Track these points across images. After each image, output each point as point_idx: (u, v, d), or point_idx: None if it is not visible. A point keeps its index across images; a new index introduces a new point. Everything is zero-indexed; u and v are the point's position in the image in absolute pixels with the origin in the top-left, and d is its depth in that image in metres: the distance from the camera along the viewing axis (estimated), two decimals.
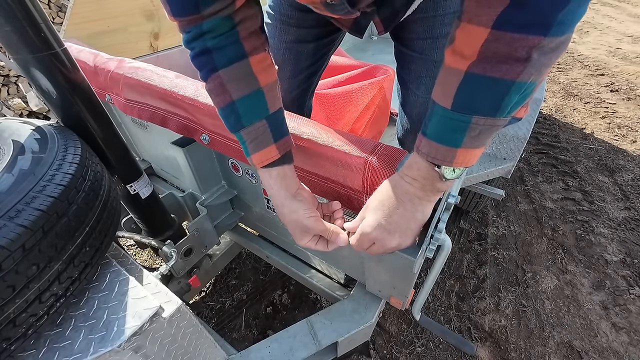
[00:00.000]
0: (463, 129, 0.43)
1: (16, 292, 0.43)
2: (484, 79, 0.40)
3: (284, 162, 0.59)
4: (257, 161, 0.58)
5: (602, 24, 5.67)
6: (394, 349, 1.39)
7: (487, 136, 0.44)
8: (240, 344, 1.39)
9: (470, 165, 0.46)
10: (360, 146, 0.62)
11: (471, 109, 0.42)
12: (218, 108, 0.58)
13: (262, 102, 0.57)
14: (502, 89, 0.39)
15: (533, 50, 0.36)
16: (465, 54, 0.40)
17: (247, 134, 0.57)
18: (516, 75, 0.38)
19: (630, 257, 1.78)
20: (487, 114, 0.41)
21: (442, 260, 0.67)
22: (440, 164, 0.45)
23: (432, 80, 0.87)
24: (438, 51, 0.82)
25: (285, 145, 0.59)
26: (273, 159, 0.58)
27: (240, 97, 0.55)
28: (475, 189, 1.59)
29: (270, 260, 1.22)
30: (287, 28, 0.90)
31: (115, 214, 0.66)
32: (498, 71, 0.39)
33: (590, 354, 1.38)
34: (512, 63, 0.37)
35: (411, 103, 0.95)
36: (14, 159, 0.53)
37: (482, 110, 0.41)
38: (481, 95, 0.41)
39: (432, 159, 0.46)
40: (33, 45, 0.60)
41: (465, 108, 0.42)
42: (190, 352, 0.65)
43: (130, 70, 0.89)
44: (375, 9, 0.74)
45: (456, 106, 0.42)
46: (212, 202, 1.08)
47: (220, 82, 0.54)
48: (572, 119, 3.07)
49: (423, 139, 0.47)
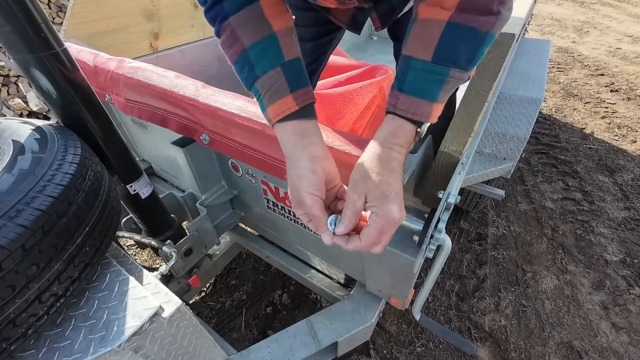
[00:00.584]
0: (441, 81, 0.45)
1: (16, 292, 0.43)
2: (465, 29, 0.43)
3: (302, 116, 0.52)
4: (272, 114, 0.51)
5: (602, 24, 5.67)
6: (394, 349, 1.39)
7: (451, 90, 0.47)
8: (240, 344, 1.39)
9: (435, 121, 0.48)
10: (360, 146, 0.62)
11: (450, 60, 0.44)
12: (233, 63, 0.54)
13: (275, 48, 0.52)
14: (479, 39, 0.43)
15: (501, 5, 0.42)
16: (445, 5, 0.43)
17: (262, 84, 0.51)
18: (490, 27, 0.43)
19: (630, 257, 1.78)
20: (462, 66, 0.44)
21: (442, 260, 0.67)
22: (420, 120, 0.46)
23: None
24: None
25: (304, 97, 0.52)
26: (289, 111, 0.51)
27: (252, 44, 0.51)
28: (475, 189, 1.59)
29: (270, 260, 1.22)
30: None
31: (115, 214, 0.66)
32: (477, 22, 0.42)
33: (590, 354, 1.38)
34: (487, 15, 0.42)
35: None
36: (14, 159, 0.53)
37: (460, 61, 0.44)
38: (461, 45, 0.43)
39: (413, 115, 0.46)
40: (33, 45, 0.60)
41: (445, 60, 0.44)
42: (190, 352, 0.65)
43: (130, 70, 0.89)
44: (373, 4, 0.74)
45: (436, 58, 0.44)
46: (212, 202, 1.08)
47: (231, 29, 0.51)
48: (572, 119, 3.07)
49: (401, 95, 0.46)
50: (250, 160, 0.76)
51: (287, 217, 1.00)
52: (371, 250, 0.48)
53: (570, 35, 5.18)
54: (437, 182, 0.63)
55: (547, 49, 1.89)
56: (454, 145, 0.60)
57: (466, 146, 0.59)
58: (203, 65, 1.82)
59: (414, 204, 0.72)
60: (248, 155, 0.75)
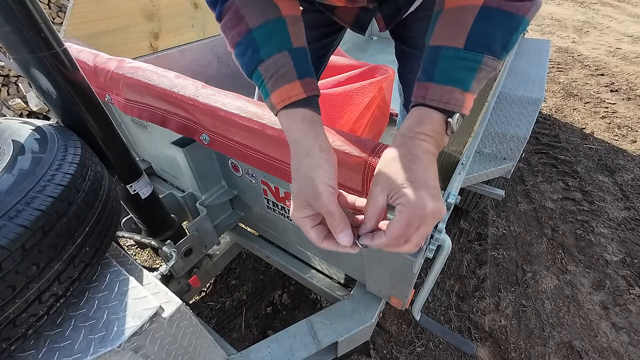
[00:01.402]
0: (474, 69, 0.42)
1: (16, 292, 0.43)
2: (500, 13, 0.41)
3: (310, 105, 0.49)
4: (277, 100, 0.48)
5: (602, 24, 5.67)
6: (394, 349, 1.39)
7: (484, 81, 0.44)
8: (240, 344, 1.39)
9: (467, 112, 0.45)
10: (360, 146, 0.62)
11: (484, 47, 0.42)
12: (234, 46, 0.50)
13: (283, 32, 0.49)
14: (514, 24, 0.42)
15: None
16: None
17: (266, 68, 0.48)
18: (526, 11, 0.41)
19: (630, 257, 1.78)
20: (496, 53, 0.42)
21: (442, 260, 0.67)
22: (453, 109, 0.43)
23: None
24: None
25: (311, 87, 0.49)
26: (297, 97, 0.47)
27: (257, 25, 0.48)
28: (475, 189, 1.59)
29: (270, 260, 1.22)
30: None
31: (115, 214, 0.66)
32: (512, 6, 0.41)
33: (590, 354, 1.38)
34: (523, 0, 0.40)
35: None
36: (14, 159, 0.53)
37: (494, 47, 0.42)
38: (496, 30, 0.41)
39: (445, 104, 0.43)
40: (33, 45, 0.60)
41: (479, 46, 0.42)
42: (190, 352, 0.65)
43: (130, 70, 0.89)
44: (378, 5, 0.74)
45: (470, 44, 0.42)
46: (212, 202, 1.08)
47: (235, 9, 0.48)
48: (572, 119, 3.07)
49: (430, 85, 0.43)
50: (250, 160, 0.76)
51: (287, 217, 1.00)
52: (401, 249, 0.42)
53: (570, 35, 5.18)
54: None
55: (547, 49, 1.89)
56: (454, 145, 0.60)
57: (466, 146, 0.59)
58: (203, 65, 1.82)
59: None
60: (248, 155, 0.75)
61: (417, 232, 0.40)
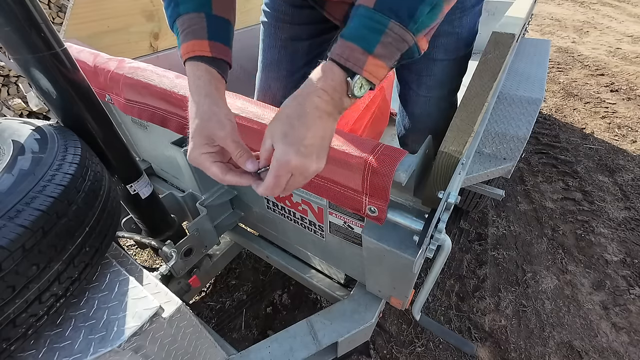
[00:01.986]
0: (379, 31, 0.43)
1: (16, 292, 0.43)
2: None
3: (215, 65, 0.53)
4: (184, 51, 0.53)
5: (602, 24, 5.67)
6: (394, 349, 1.39)
7: (393, 52, 0.44)
8: (240, 344, 1.39)
9: (377, 81, 0.46)
10: (360, 146, 0.62)
11: (390, 10, 0.43)
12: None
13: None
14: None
15: None
16: None
17: (182, 23, 0.54)
18: None
19: (631, 257, 1.78)
20: (402, 20, 0.43)
21: (442, 260, 0.67)
22: (352, 68, 0.44)
23: (431, 79, 0.87)
24: (437, 49, 0.83)
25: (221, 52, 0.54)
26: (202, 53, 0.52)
27: None
28: (475, 189, 1.59)
29: (270, 260, 1.22)
30: (282, 25, 0.91)
31: (115, 214, 0.66)
32: None
33: (591, 354, 1.38)
34: None
35: (412, 102, 0.95)
36: (14, 159, 0.53)
37: (400, 13, 0.43)
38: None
39: (345, 61, 0.44)
40: (33, 45, 0.60)
41: (386, 9, 0.43)
42: (190, 352, 0.65)
43: (130, 70, 0.89)
44: None
45: (379, 5, 0.43)
46: (212, 202, 1.08)
47: None
48: (572, 119, 3.07)
49: (340, 40, 0.45)
50: None
51: (287, 217, 1.00)
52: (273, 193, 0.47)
53: (570, 35, 5.18)
54: (437, 182, 0.63)
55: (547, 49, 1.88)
56: (454, 145, 0.60)
57: (466, 146, 0.59)
58: None
59: (414, 204, 0.72)
60: None
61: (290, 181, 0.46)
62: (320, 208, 0.87)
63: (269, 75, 0.99)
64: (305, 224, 0.96)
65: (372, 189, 0.60)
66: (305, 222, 0.96)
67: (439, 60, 0.85)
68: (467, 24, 0.83)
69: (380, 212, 0.63)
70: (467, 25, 0.83)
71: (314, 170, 0.46)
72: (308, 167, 0.45)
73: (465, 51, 0.88)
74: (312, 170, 0.46)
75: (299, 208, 0.93)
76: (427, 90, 0.91)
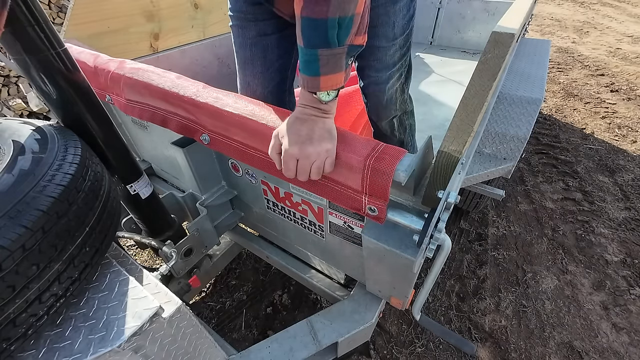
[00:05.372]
0: (315, 59, 0.56)
1: (16, 292, 0.43)
2: (308, 20, 0.53)
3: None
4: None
5: (602, 24, 5.68)
6: (394, 349, 1.39)
7: (337, 62, 0.57)
8: (240, 344, 1.39)
9: (337, 87, 0.59)
10: (360, 146, 0.62)
11: (314, 45, 0.55)
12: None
13: None
14: (321, 26, 0.53)
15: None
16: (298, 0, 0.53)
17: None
18: (324, 15, 0.51)
19: (631, 257, 1.78)
20: (324, 45, 0.54)
21: (442, 260, 0.67)
22: (313, 90, 0.58)
23: (378, 63, 1.00)
24: (377, 38, 0.94)
25: None
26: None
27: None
28: (475, 189, 1.59)
29: (270, 260, 1.22)
30: (247, 24, 0.93)
31: (115, 214, 0.66)
32: (313, 12, 0.52)
33: (591, 354, 1.38)
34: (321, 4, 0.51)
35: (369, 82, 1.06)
36: (14, 159, 0.53)
37: (320, 43, 0.54)
38: (312, 32, 0.54)
39: (307, 87, 0.59)
40: (33, 45, 0.60)
41: (310, 45, 0.55)
42: (190, 353, 0.65)
43: (130, 70, 0.89)
44: None
45: (306, 44, 0.56)
46: (212, 202, 1.08)
47: None
48: (572, 119, 3.07)
49: (300, 74, 0.60)
50: (250, 161, 0.76)
51: (287, 217, 1.00)
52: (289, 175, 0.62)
53: (570, 36, 5.18)
54: (437, 182, 0.63)
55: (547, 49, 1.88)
56: (454, 145, 0.60)
57: (466, 146, 0.59)
58: (203, 65, 1.82)
59: (414, 203, 0.72)
60: (248, 155, 0.76)
61: (299, 165, 0.60)
62: (320, 208, 0.87)
63: (246, 74, 1.01)
64: (305, 224, 0.96)
65: (372, 188, 0.61)
66: (305, 222, 0.96)
67: (378, 47, 0.97)
68: (401, 11, 0.93)
69: (380, 211, 0.63)
70: (400, 12, 0.93)
71: (312, 152, 0.59)
72: (306, 151, 0.59)
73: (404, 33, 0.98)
74: (309, 152, 0.59)
75: (299, 208, 0.93)
76: (375, 71, 1.02)
